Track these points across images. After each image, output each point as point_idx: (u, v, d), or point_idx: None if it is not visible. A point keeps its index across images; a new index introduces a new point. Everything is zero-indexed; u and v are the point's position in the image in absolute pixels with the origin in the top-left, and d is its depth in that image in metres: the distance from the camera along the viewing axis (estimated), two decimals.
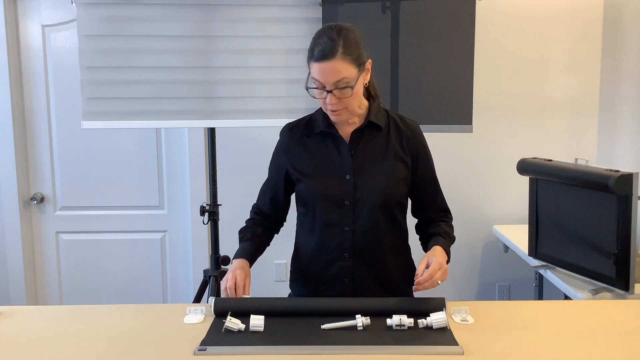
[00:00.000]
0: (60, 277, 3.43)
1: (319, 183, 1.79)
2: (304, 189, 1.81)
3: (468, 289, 3.43)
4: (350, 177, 1.78)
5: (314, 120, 1.86)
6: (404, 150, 1.81)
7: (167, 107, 2.62)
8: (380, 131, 1.81)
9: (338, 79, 1.65)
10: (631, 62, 2.99)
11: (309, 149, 1.83)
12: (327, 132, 1.81)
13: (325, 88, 1.67)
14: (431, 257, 1.69)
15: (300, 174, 1.82)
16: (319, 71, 1.65)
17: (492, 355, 1.46)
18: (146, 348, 1.51)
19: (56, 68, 3.26)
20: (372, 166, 1.79)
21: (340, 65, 1.64)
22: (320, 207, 1.80)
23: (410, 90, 2.72)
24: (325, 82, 1.66)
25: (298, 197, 1.87)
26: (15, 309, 1.80)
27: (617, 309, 1.77)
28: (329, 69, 1.64)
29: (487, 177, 3.33)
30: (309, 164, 1.82)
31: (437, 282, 1.63)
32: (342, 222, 1.79)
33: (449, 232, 1.87)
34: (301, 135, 1.85)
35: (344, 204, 1.78)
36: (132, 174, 3.35)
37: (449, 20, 2.70)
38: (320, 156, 1.81)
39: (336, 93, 1.67)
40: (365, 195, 1.77)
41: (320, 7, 2.65)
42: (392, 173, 1.79)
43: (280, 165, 1.88)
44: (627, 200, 1.95)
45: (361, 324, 1.59)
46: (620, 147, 3.10)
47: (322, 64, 1.64)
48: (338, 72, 1.64)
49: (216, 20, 2.61)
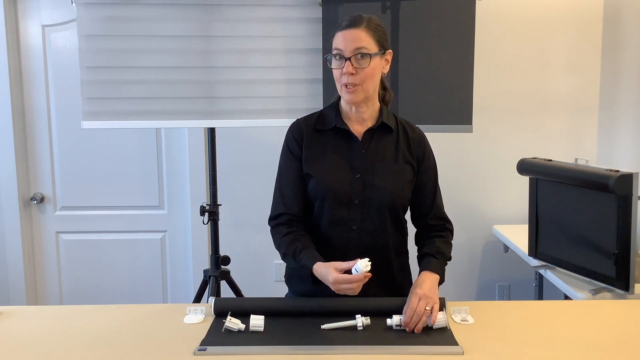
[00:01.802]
0: (60, 277, 3.43)
1: (329, 180, 1.78)
2: (314, 184, 1.79)
3: (468, 289, 3.43)
4: (360, 175, 1.78)
5: (325, 116, 1.85)
6: (412, 154, 1.83)
7: (167, 107, 2.61)
8: (391, 133, 1.82)
9: (358, 45, 1.69)
10: (631, 62, 2.99)
11: (321, 144, 1.82)
12: (340, 129, 1.81)
13: (344, 55, 1.70)
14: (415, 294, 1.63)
15: (311, 169, 1.80)
16: (342, 38, 1.70)
17: (492, 355, 1.46)
18: (146, 348, 1.51)
19: (56, 68, 3.26)
20: (382, 166, 1.79)
21: (363, 34, 1.70)
22: (329, 205, 1.78)
23: (410, 90, 2.72)
24: (345, 49, 1.69)
25: (307, 192, 1.84)
26: (15, 309, 1.80)
27: (617, 309, 1.77)
28: (350, 36, 1.69)
29: (487, 177, 3.33)
30: (320, 159, 1.80)
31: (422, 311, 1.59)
32: (350, 221, 1.79)
33: (444, 250, 1.81)
34: (314, 129, 1.84)
35: (353, 202, 1.78)
36: (132, 174, 3.35)
37: (449, 20, 2.70)
38: (332, 152, 1.80)
39: (354, 62, 1.69)
40: (375, 194, 1.77)
41: (320, 7, 2.65)
42: (401, 175, 1.80)
43: (296, 158, 1.82)
44: (627, 200, 1.95)
45: (361, 324, 1.59)
46: (620, 147, 3.10)
47: (345, 31, 1.70)
48: (359, 40, 1.69)
49: (216, 20, 2.60)
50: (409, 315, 1.58)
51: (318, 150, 1.81)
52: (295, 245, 1.74)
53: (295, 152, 1.82)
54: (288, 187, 1.82)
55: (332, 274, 1.55)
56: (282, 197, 1.83)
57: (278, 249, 1.82)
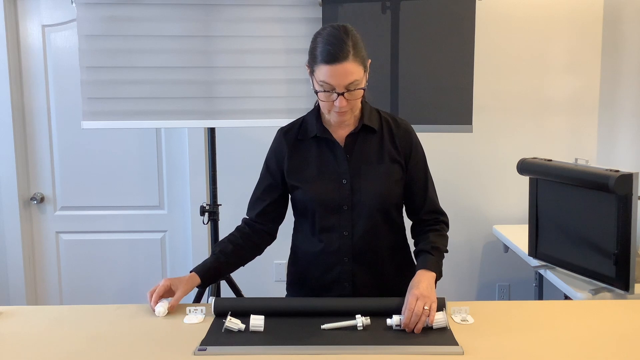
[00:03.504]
0: (60, 277, 3.43)
1: (316, 189, 1.77)
2: (301, 195, 1.79)
3: (468, 289, 3.43)
4: (347, 181, 1.77)
5: (307, 124, 1.83)
6: (398, 151, 1.80)
7: (167, 107, 2.61)
8: (374, 134, 1.80)
9: (350, 81, 1.62)
10: (631, 62, 2.99)
11: (304, 154, 1.81)
12: (322, 137, 1.79)
13: (335, 90, 1.63)
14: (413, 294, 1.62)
15: (296, 180, 1.80)
16: (331, 74, 1.61)
17: (492, 355, 1.46)
18: (146, 348, 1.51)
19: (56, 68, 3.26)
20: (368, 169, 1.77)
21: (352, 66, 1.61)
22: (318, 213, 1.78)
23: (410, 90, 2.72)
24: (337, 85, 1.62)
25: (295, 204, 1.85)
26: (15, 309, 1.80)
27: (617, 309, 1.77)
28: (342, 71, 1.60)
29: (487, 177, 3.33)
30: (305, 170, 1.80)
31: (420, 311, 1.57)
32: (341, 227, 1.78)
33: (438, 244, 1.80)
34: (295, 139, 1.82)
35: (342, 208, 1.77)
36: (132, 174, 3.35)
37: (449, 20, 2.70)
38: (316, 161, 1.79)
39: (347, 95, 1.64)
40: (363, 198, 1.76)
41: (320, 7, 2.65)
42: (389, 175, 1.78)
43: (275, 171, 1.84)
44: (627, 200, 1.95)
45: (361, 324, 1.59)
46: (620, 147, 3.10)
47: (334, 66, 1.60)
48: (351, 74, 1.61)
49: (216, 20, 2.60)
50: (408, 317, 1.57)
51: (302, 160, 1.80)
52: (216, 246, 1.86)
53: (272, 168, 1.86)
54: (258, 197, 1.89)
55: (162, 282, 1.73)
56: (250, 204, 1.91)
57: None
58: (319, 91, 1.66)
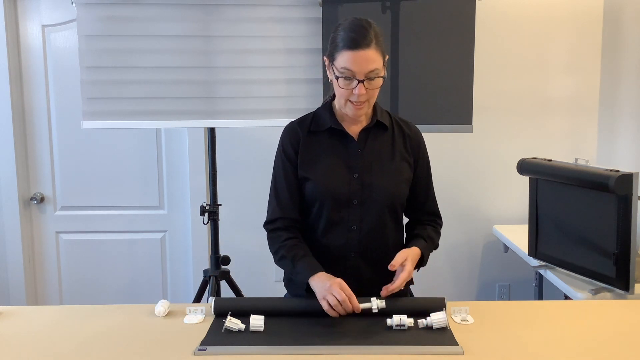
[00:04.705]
0: (60, 277, 3.43)
1: (327, 182, 1.77)
2: (312, 187, 1.79)
3: (468, 289, 3.42)
4: (358, 175, 1.78)
5: (319, 117, 1.84)
6: (407, 151, 1.83)
7: (167, 107, 2.61)
8: (386, 131, 1.82)
9: (371, 68, 1.64)
10: (631, 62, 2.99)
11: (316, 147, 1.81)
12: (336, 129, 1.80)
13: (356, 77, 1.65)
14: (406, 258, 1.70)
15: (308, 172, 1.79)
16: (353, 59, 1.63)
17: (492, 355, 1.46)
18: (146, 348, 1.51)
19: (56, 68, 3.26)
20: (379, 165, 1.79)
21: (374, 54, 1.64)
22: (328, 206, 1.78)
23: (410, 90, 2.72)
24: (358, 72, 1.64)
25: (303, 196, 1.84)
26: (15, 309, 1.80)
27: (617, 309, 1.77)
28: (364, 57, 1.63)
29: (487, 177, 3.33)
30: (317, 162, 1.80)
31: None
32: (349, 221, 1.79)
33: (433, 237, 1.87)
34: (308, 131, 1.82)
35: (352, 202, 1.78)
36: (132, 174, 3.35)
37: (449, 20, 2.70)
38: (328, 154, 1.80)
39: (366, 84, 1.66)
40: (374, 194, 1.77)
41: (320, 7, 2.65)
42: (399, 173, 1.80)
43: (292, 162, 1.81)
44: (627, 200, 1.95)
45: (376, 306, 1.60)
46: (620, 147, 3.10)
47: (356, 52, 1.62)
48: (372, 61, 1.64)
49: (216, 20, 2.60)
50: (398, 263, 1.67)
51: (314, 152, 1.81)
52: (295, 252, 1.75)
53: (291, 157, 1.81)
54: (285, 192, 1.82)
55: (338, 281, 1.61)
56: (279, 202, 1.82)
57: (274, 253, 1.82)
58: (339, 77, 1.66)
